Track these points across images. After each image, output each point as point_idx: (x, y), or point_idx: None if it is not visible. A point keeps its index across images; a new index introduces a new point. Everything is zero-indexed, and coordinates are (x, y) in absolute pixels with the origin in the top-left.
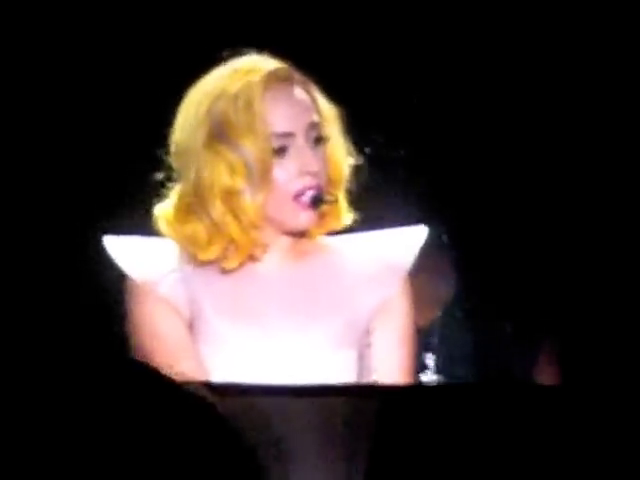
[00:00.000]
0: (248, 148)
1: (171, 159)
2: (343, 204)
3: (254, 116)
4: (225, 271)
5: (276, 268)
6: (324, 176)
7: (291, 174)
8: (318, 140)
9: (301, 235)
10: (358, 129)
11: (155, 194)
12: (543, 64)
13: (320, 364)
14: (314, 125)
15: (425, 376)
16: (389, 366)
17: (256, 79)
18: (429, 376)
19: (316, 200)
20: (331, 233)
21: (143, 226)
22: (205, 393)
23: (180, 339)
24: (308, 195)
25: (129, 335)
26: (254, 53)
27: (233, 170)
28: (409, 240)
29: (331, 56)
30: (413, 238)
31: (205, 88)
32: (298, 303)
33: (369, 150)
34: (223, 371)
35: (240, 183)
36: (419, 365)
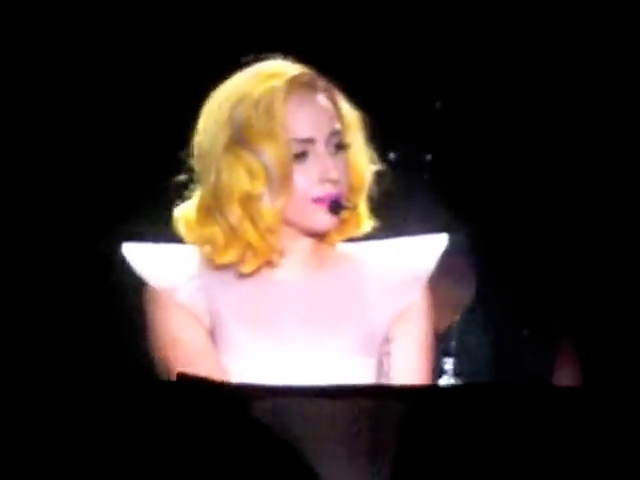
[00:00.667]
0: (268, 153)
1: (193, 162)
2: (364, 211)
3: (275, 121)
4: (244, 277)
5: (296, 277)
6: (345, 183)
7: (311, 180)
8: (339, 147)
9: (320, 240)
10: (381, 135)
11: (176, 197)
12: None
13: (339, 373)
14: (335, 132)
15: (443, 380)
16: (408, 375)
17: (279, 84)
18: (447, 380)
19: (335, 207)
20: (351, 240)
21: (163, 232)
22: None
23: (201, 346)
24: (327, 202)
25: (149, 343)
26: (279, 58)
27: (253, 175)
28: (429, 248)
29: (355, 62)
30: (433, 246)
31: (228, 91)
32: (317, 312)
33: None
34: (242, 380)
35: (259, 188)
36: (437, 369)
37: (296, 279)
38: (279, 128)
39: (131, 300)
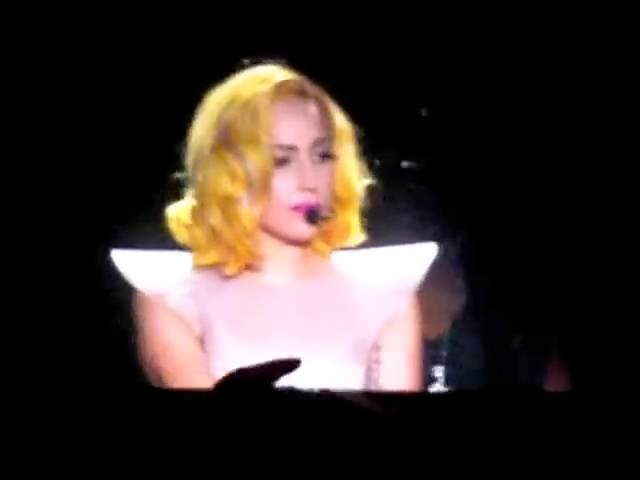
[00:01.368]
0: (250, 157)
1: (186, 161)
2: (353, 222)
3: (258, 125)
4: (234, 283)
5: (285, 285)
6: (326, 193)
7: (290, 187)
8: (325, 156)
9: (308, 248)
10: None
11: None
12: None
13: (328, 380)
14: (320, 141)
15: (434, 389)
16: (396, 383)
17: (266, 89)
18: (438, 388)
19: (312, 216)
20: (340, 249)
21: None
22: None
23: (191, 351)
24: (304, 210)
25: (139, 348)
26: (277, 63)
27: (234, 177)
28: (418, 258)
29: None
30: (423, 256)
31: (220, 94)
32: (307, 319)
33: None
34: None
35: (239, 191)
36: (428, 378)
37: (285, 287)
38: (262, 133)
39: (121, 306)
